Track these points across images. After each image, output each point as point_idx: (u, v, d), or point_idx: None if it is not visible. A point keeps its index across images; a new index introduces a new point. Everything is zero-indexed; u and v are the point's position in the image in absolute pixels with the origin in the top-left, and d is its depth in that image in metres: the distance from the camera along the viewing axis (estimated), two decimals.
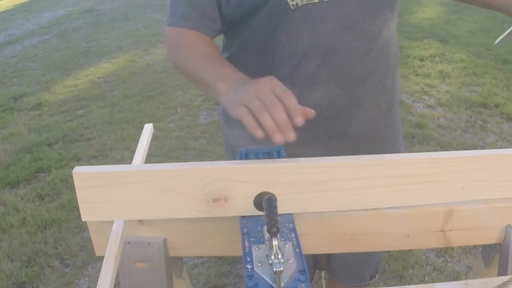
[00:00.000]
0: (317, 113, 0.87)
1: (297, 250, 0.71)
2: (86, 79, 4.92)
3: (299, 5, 0.93)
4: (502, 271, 0.78)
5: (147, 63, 5.22)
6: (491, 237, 0.88)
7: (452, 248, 2.12)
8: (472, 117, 3.35)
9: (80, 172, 0.77)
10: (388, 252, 2.12)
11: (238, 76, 0.85)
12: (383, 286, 1.99)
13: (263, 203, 0.63)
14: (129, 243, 0.87)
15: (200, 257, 2.22)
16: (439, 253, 2.15)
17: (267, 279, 0.65)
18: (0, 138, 3.68)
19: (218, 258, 2.23)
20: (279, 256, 0.63)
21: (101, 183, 0.78)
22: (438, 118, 3.39)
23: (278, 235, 0.64)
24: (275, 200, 0.64)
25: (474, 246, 2.09)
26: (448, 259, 2.13)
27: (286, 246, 0.71)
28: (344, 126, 1.06)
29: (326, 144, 1.06)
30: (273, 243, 0.63)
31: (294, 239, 0.74)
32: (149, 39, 6.17)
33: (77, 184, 0.77)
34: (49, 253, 2.34)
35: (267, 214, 0.63)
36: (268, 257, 0.64)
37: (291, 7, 0.93)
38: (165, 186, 0.78)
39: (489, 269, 0.94)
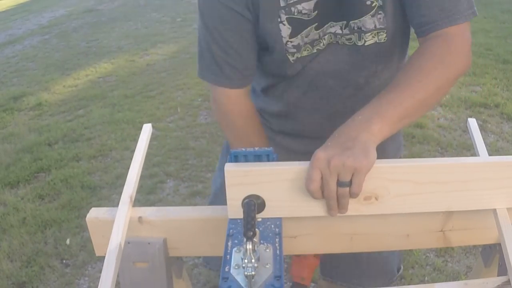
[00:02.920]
0: (301, 128, 1.06)
1: (278, 255, 0.71)
2: (86, 79, 4.92)
3: (299, 57, 1.01)
4: (502, 271, 0.78)
5: (147, 63, 5.22)
6: (491, 237, 0.88)
7: (452, 248, 2.12)
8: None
9: (232, 170, 0.77)
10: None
11: None
12: (383, 286, 1.99)
13: (242, 206, 0.63)
14: (129, 243, 0.87)
15: (200, 257, 2.22)
16: (439, 253, 2.15)
17: (240, 282, 0.65)
18: (0, 138, 3.68)
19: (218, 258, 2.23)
20: (252, 260, 0.64)
21: (251, 180, 0.77)
22: (438, 118, 3.39)
23: (254, 239, 0.64)
24: (254, 204, 0.63)
25: (474, 246, 2.09)
26: (448, 259, 2.13)
27: (267, 250, 0.71)
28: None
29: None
30: (247, 247, 0.64)
31: (277, 244, 0.73)
32: (149, 39, 6.17)
33: (228, 181, 0.77)
34: (49, 253, 2.34)
35: (245, 217, 0.63)
36: (242, 260, 0.64)
37: (291, 62, 1.01)
38: None
39: (489, 269, 0.94)
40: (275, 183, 0.78)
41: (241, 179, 0.77)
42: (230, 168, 0.77)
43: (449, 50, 0.85)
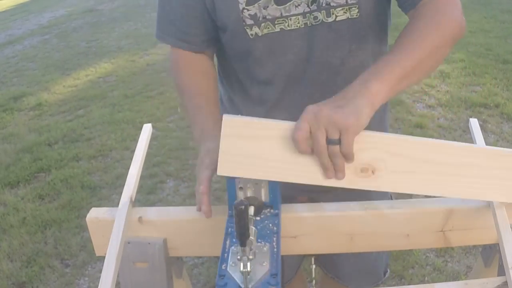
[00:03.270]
0: None
1: (274, 254, 0.71)
2: (86, 79, 4.92)
3: (259, 35, 0.95)
4: (502, 271, 0.78)
5: (147, 63, 5.23)
6: (491, 237, 0.88)
7: (452, 248, 2.11)
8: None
9: (231, 119, 0.74)
10: (388, 252, 2.12)
11: (207, 129, 0.92)
12: (383, 286, 1.99)
13: (234, 210, 0.62)
14: (129, 243, 0.87)
15: (200, 257, 2.22)
16: (439, 253, 2.15)
17: (237, 280, 0.66)
18: (0, 138, 3.68)
19: (218, 258, 2.23)
20: (250, 257, 0.64)
21: (249, 133, 0.74)
22: (438, 118, 3.39)
23: (250, 238, 0.64)
24: (246, 208, 0.62)
25: (474, 246, 2.09)
26: (448, 259, 2.13)
27: (264, 248, 0.72)
28: None
29: None
30: (243, 248, 0.64)
31: (274, 242, 0.74)
32: (149, 39, 6.17)
33: (224, 130, 0.73)
34: (49, 253, 2.34)
35: (237, 222, 0.62)
36: (240, 258, 0.65)
37: (250, 37, 0.95)
38: None
39: (489, 269, 0.94)
40: (273, 140, 0.74)
41: (239, 130, 0.74)
42: (228, 118, 0.74)
43: (443, 12, 0.85)
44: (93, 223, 0.91)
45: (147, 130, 1.15)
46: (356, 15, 0.94)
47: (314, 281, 1.39)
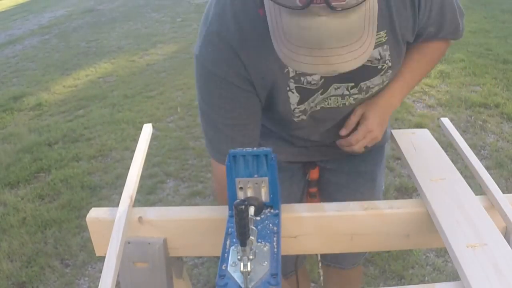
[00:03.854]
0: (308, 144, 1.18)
1: (275, 254, 0.71)
2: (86, 79, 4.92)
3: (304, 119, 1.04)
4: None
5: (147, 63, 5.22)
6: None
7: None
8: (472, 117, 3.35)
9: None
10: (388, 252, 2.12)
11: None
12: (383, 286, 1.99)
13: (234, 210, 0.62)
14: (129, 243, 0.87)
15: (200, 257, 2.22)
16: (439, 253, 2.15)
17: (237, 280, 0.66)
18: (0, 138, 3.68)
19: (218, 258, 2.23)
20: (250, 257, 0.64)
21: None
22: (438, 118, 3.38)
23: (250, 237, 0.65)
24: (246, 208, 0.62)
25: None
26: (448, 259, 2.12)
27: (265, 248, 0.72)
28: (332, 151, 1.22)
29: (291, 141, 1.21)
30: (243, 247, 0.64)
31: (274, 242, 0.74)
32: (149, 39, 6.17)
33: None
34: (49, 253, 2.34)
35: (237, 222, 0.62)
36: (240, 258, 0.65)
37: (296, 122, 1.04)
38: None
39: None
40: None
41: None
42: None
43: (445, 49, 1.15)
44: (93, 223, 0.91)
45: (147, 130, 1.15)
46: (387, 80, 1.04)
47: (321, 277, 1.43)
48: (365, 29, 0.69)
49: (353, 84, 1.00)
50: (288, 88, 0.95)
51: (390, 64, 0.99)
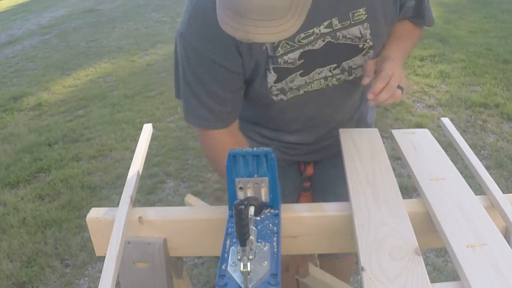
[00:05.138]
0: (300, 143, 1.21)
1: (275, 254, 0.71)
2: (86, 79, 4.92)
3: (284, 99, 1.05)
4: None
5: (147, 63, 5.22)
6: None
7: None
8: (472, 117, 3.35)
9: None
10: None
11: None
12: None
13: (234, 210, 0.62)
14: (129, 243, 0.87)
15: (200, 257, 2.22)
16: (439, 253, 2.15)
17: (237, 280, 0.66)
18: (0, 138, 3.68)
19: (218, 258, 2.23)
20: (250, 257, 0.65)
21: None
22: (438, 118, 3.38)
23: (250, 237, 0.65)
24: (246, 208, 0.62)
25: None
26: (448, 259, 2.12)
27: (264, 248, 0.72)
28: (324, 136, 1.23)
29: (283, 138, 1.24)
30: (243, 247, 0.65)
31: (274, 242, 0.74)
32: (149, 39, 6.17)
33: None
34: (49, 253, 2.34)
35: (237, 222, 0.62)
36: (240, 258, 0.65)
37: (276, 101, 1.06)
38: None
39: None
40: None
41: None
42: None
43: (418, 35, 1.18)
44: (93, 223, 0.91)
45: (147, 130, 1.15)
46: None
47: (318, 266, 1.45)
48: (291, 10, 0.75)
49: (335, 65, 1.02)
50: (266, 67, 0.98)
51: (371, 43, 1.00)
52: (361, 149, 1.06)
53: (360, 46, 1.00)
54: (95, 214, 0.92)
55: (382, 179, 0.95)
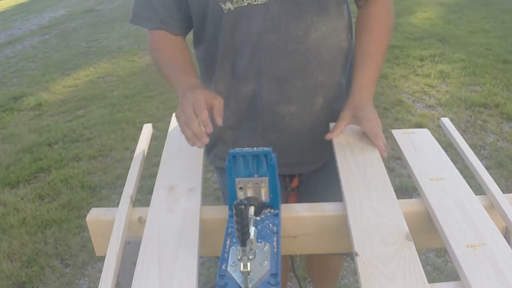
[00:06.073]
0: (254, 103, 1.13)
1: (275, 254, 0.71)
2: (86, 79, 4.92)
3: (231, 9, 1.05)
4: None
5: (147, 63, 5.22)
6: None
7: None
8: (472, 117, 3.35)
9: None
10: None
11: (191, 83, 1.03)
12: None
13: (234, 210, 0.62)
14: (129, 243, 0.87)
15: (200, 257, 2.22)
16: (439, 253, 2.15)
17: (237, 280, 0.66)
18: (0, 138, 3.68)
19: (218, 258, 2.23)
20: (250, 257, 0.65)
21: None
22: (438, 118, 3.38)
23: (250, 237, 0.65)
24: (246, 207, 0.62)
25: None
26: (448, 259, 2.12)
27: (264, 248, 0.72)
28: (278, 119, 1.15)
29: (265, 136, 1.17)
30: (243, 247, 0.64)
31: (274, 242, 0.74)
32: None
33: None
34: (49, 253, 2.34)
35: (238, 221, 0.62)
36: (240, 258, 0.65)
37: (225, 11, 1.05)
38: None
39: None
40: None
41: None
42: None
43: (389, 13, 1.16)
44: (93, 223, 0.91)
45: (147, 130, 1.15)
46: None
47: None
48: None
49: None
50: None
51: None
52: (352, 143, 1.07)
53: None
54: (95, 214, 0.92)
55: (372, 169, 0.97)
